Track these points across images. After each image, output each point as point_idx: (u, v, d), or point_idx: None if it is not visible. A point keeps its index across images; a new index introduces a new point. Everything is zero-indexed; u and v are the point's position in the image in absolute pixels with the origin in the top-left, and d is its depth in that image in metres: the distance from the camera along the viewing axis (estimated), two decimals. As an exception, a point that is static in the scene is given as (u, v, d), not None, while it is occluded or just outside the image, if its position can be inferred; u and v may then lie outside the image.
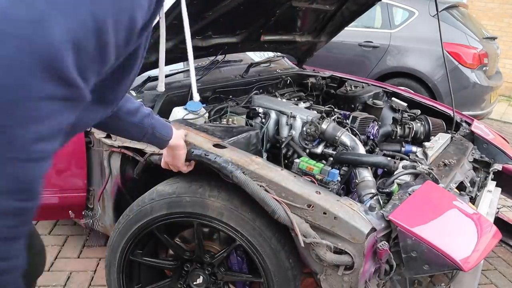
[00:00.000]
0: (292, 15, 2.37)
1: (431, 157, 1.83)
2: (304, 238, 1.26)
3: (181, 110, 1.86)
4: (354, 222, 1.24)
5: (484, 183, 2.06)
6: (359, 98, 2.60)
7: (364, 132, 2.12)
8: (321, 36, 2.78)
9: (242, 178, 1.32)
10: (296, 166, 1.62)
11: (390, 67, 4.66)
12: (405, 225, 1.25)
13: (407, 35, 4.60)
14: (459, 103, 3.73)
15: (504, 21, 7.88)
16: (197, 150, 1.43)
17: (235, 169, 1.34)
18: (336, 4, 2.42)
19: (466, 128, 2.41)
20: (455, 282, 1.49)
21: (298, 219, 1.29)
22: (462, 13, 4.81)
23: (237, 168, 1.35)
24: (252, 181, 1.31)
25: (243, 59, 2.65)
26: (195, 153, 1.42)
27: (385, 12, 4.77)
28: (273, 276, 1.41)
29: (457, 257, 1.21)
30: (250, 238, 1.39)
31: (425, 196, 1.46)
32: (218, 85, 2.26)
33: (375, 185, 1.59)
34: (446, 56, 4.11)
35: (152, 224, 1.55)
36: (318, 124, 1.88)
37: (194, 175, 1.50)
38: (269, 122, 2.05)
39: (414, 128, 2.35)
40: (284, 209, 1.28)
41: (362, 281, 1.28)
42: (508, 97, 7.83)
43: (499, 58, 5.35)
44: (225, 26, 2.03)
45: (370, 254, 1.26)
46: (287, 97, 2.53)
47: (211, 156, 1.39)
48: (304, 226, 1.28)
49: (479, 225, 1.42)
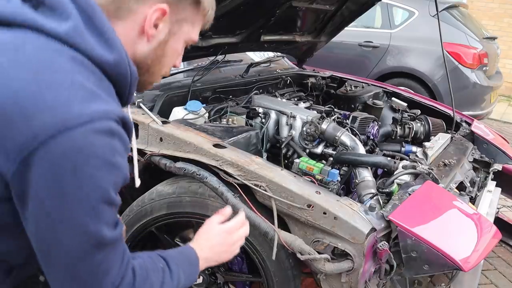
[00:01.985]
0: (292, 15, 2.37)
1: (431, 157, 1.83)
2: (300, 255, 1.28)
3: (181, 110, 1.86)
4: (354, 222, 1.24)
5: (484, 183, 2.06)
6: (359, 98, 2.60)
7: (364, 132, 2.12)
8: (321, 36, 2.78)
9: (233, 202, 1.33)
10: (296, 166, 1.62)
11: (390, 67, 4.66)
12: (405, 225, 1.25)
13: (407, 35, 4.60)
14: (459, 103, 3.73)
15: (504, 21, 7.88)
16: (189, 167, 1.44)
17: (227, 191, 1.36)
18: (336, 4, 2.42)
19: (466, 128, 2.41)
20: (455, 282, 1.49)
21: (291, 237, 1.30)
22: (462, 13, 4.81)
23: (228, 190, 1.37)
24: (242, 204, 1.32)
25: (243, 59, 2.65)
26: (187, 170, 1.43)
27: (385, 12, 4.77)
28: (273, 276, 1.41)
29: (457, 257, 1.21)
30: (250, 238, 1.39)
31: (425, 196, 1.46)
32: (218, 85, 2.26)
33: (375, 185, 1.59)
34: (446, 56, 4.11)
35: (152, 224, 1.55)
36: (318, 124, 1.88)
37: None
38: (269, 122, 2.05)
39: (414, 128, 2.35)
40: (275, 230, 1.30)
41: (362, 281, 1.28)
42: (508, 97, 7.83)
43: (499, 58, 5.35)
44: (225, 26, 2.02)
45: (370, 254, 1.26)
46: (287, 97, 2.53)
47: (203, 175, 1.41)
48: (298, 243, 1.29)
49: (479, 225, 1.42)
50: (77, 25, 0.71)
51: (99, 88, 0.72)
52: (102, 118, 0.68)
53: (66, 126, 0.64)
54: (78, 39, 0.71)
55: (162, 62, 0.88)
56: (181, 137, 1.52)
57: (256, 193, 1.36)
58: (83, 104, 0.67)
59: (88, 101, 0.68)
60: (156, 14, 0.79)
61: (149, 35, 0.81)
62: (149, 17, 0.79)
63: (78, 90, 0.67)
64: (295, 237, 1.31)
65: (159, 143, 1.56)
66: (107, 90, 0.74)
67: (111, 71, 0.76)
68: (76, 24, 0.71)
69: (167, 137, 1.54)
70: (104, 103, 0.70)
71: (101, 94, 0.71)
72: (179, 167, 1.46)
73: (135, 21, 0.80)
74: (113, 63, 0.75)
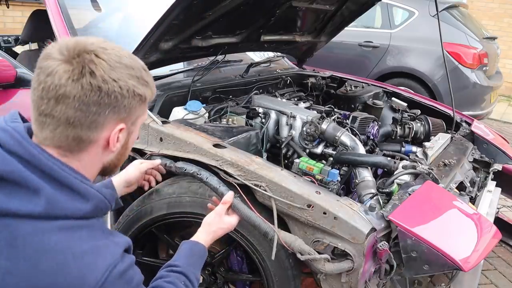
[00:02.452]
0: (292, 15, 2.37)
1: (431, 157, 1.82)
2: (300, 255, 1.28)
3: (181, 110, 1.86)
4: (354, 222, 1.24)
5: (484, 183, 2.06)
6: (359, 98, 2.59)
7: (364, 132, 2.12)
8: (321, 36, 2.78)
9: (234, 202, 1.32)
10: (296, 166, 1.62)
11: (390, 67, 4.66)
12: (405, 225, 1.25)
13: (407, 35, 4.60)
14: (459, 103, 3.73)
15: (504, 21, 7.88)
16: (189, 167, 1.43)
17: (226, 190, 1.35)
18: (336, 4, 2.42)
19: (466, 128, 2.41)
20: (455, 282, 1.49)
21: (291, 238, 1.30)
22: (462, 13, 4.81)
23: (227, 189, 1.36)
24: (243, 205, 1.32)
25: (243, 59, 2.65)
26: (187, 170, 1.43)
27: (385, 12, 4.77)
28: (273, 276, 1.41)
29: (457, 257, 1.21)
30: (250, 238, 1.39)
31: (425, 196, 1.46)
32: (218, 85, 2.26)
33: (375, 185, 1.59)
34: (446, 56, 4.11)
35: (152, 224, 1.55)
36: (318, 124, 1.88)
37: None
38: (269, 122, 2.05)
39: (414, 128, 2.35)
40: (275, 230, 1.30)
41: (362, 281, 1.28)
42: (508, 97, 7.83)
43: (499, 58, 5.35)
44: (225, 26, 2.02)
45: (370, 254, 1.26)
46: (287, 97, 2.53)
47: (203, 175, 1.41)
48: (298, 243, 1.29)
49: (479, 225, 1.42)
50: (50, 196, 0.77)
51: (94, 239, 0.81)
52: (111, 269, 0.79)
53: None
54: (57, 210, 0.77)
55: (126, 154, 0.96)
56: (181, 137, 1.52)
57: (256, 193, 1.36)
58: (93, 269, 0.77)
59: (95, 262, 0.78)
60: (117, 134, 0.86)
61: (113, 149, 0.88)
62: (111, 140, 0.85)
63: (82, 259, 0.76)
64: (295, 237, 1.31)
65: (159, 143, 1.56)
66: (98, 232, 0.83)
67: (92, 214, 0.84)
68: (48, 196, 0.77)
69: (167, 137, 1.54)
70: (105, 251, 0.80)
71: (99, 243, 0.80)
72: (179, 167, 1.46)
73: (98, 146, 0.86)
74: (93, 207, 0.83)
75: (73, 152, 0.83)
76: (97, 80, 0.78)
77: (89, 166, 0.87)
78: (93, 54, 0.79)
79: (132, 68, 0.84)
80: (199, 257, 1.16)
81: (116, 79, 0.80)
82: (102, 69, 0.79)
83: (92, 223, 0.83)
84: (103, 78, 0.79)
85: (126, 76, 0.83)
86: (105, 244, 0.81)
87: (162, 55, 1.83)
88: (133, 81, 0.84)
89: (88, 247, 0.78)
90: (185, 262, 1.10)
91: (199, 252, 1.17)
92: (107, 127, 0.84)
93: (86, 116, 0.79)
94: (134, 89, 0.84)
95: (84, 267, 0.76)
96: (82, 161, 0.85)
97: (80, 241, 0.78)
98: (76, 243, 0.77)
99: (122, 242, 0.85)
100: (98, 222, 0.86)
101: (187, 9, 1.57)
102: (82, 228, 0.80)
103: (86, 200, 0.82)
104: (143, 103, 0.89)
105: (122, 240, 0.87)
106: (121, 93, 0.82)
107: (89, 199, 0.82)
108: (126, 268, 0.83)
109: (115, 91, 0.80)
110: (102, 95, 0.79)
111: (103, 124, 0.82)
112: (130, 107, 0.85)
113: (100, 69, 0.79)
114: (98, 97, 0.79)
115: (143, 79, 0.87)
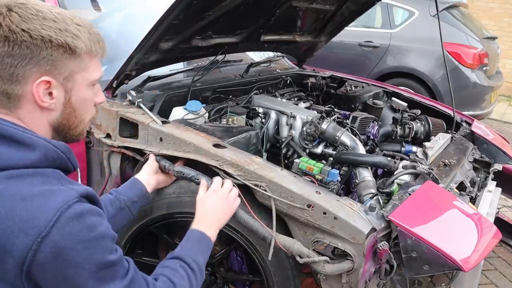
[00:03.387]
0: (292, 15, 2.37)
1: (431, 157, 1.82)
2: (299, 258, 1.28)
3: (181, 110, 1.86)
4: (354, 222, 1.23)
5: (484, 183, 2.06)
6: (359, 98, 2.59)
7: (364, 132, 2.12)
8: (321, 36, 2.78)
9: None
10: (296, 166, 1.61)
11: (390, 67, 4.65)
12: (405, 225, 1.24)
13: (407, 35, 4.60)
14: (459, 103, 3.72)
15: (504, 21, 7.88)
16: (188, 171, 1.44)
17: None
18: (336, 4, 2.42)
19: (466, 128, 2.41)
20: (455, 282, 1.49)
21: (289, 241, 1.30)
22: (462, 13, 4.81)
23: None
24: (240, 210, 1.33)
25: (243, 59, 2.65)
26: (185, 174, 1.43)
27: (385, 12, 4.77)
28: (273, 276, 1.41)
29: (457, 257, 1.21)
30: (250, 238, 1.39)
31: (425, 196, 1.46)
32: (218, 85, 2.25)
33: (375, 185, 1.59)
34: (446, 56, 4.11)
35: (152, 224, 1.55)
36: (318, 124, 1.88)
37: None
38: (269, 122, 2.05)
39: (414, 128, 2.34)
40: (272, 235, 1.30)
41: (362, 281, 1.28)
42: (508, 97, 7.83)
43: (499, 58, 5.35)
44: (225, 26, 2.02)
45: (370, 254, 1.26)
46: (287, 97, 2.53)
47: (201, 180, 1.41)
48: (297, 246, 1.29)
49: (479, 225, 1.42)
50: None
51: (46, 184, 0.79)
52: (64, 209, 0.76)
53: (41, 236, 0.73)
54: (1, 161, 0.78)
55: (78, 115, 0.92)
56: (181, 137, 1.51)
57: (256, 193, 1.36)
58: (43, 210, 0.75)
59: (46, 203, 0.76)
60: (41, 87, 0.84)
61: (48, 105, 0.86)
62: (35, 93, 0.84)
63: (31, 201, 0.75)
64: (293, 240, 1.31)
65: (159, 143, 1.56)
66: (52, 179, 0.82)
67: (43, 163, 0.82)
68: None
69: (167, 137, 1.54)
70: (58, 194, 0.78)
71: (52, 188, 0.79)
72: (177, 170, 1.45)
73: (29, 101, 0.85)
74: (41, 155, 0.82)
75: (10, 109, 0.84)
76: (3, 30, 0.79)
77: (32, 125, 0.86)
78: (6, 8, 0.80)
79: (53, 21, 0.83)
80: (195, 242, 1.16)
81: (26, 29, 0.80)
82: (10, 20, 0.80)
83: (46, 171, 0.82)
84: (10, 28, 0.79)
85: (40, 26, 0.82)
86: (58, 188, 0.80)
87: (162, 55, 1.83)
88: (50, 32, 0.82)
89: (38, 190, 0.77)
90: (179, 249, 1.12)
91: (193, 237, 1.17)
92: (30, 81, 0.83)
93: (4, 68, 0.80)
94: (50, 39, 0.82)
95: (33, 209, 0.75)
96: (24, 119, 0.85)
97: (31, 186, 0.78)
98: (25, 187, 0.77)
99: (80, 189, 0.83)
100: (55, 172, 0.84)
101: (187, 9, 1.57)
102: (33, 175, 0.80)
103: (33, 149, 0.81)
104: (73, 55, 0.86)
105: (81, 188, 0.84)
106: (34, 43, 0.81)
107: (36, 147, 0.82)
108: (85, 211, 0.79)
109: (25, 40, 0.80)
110: (12, 45, 0.80)
111: (23, 76, 0.82)
112: (52, 59, 0.83)
113: (7, 21, 0.79)
114: (8, 47, 0.79)
115: (69, 32, 0.85)
